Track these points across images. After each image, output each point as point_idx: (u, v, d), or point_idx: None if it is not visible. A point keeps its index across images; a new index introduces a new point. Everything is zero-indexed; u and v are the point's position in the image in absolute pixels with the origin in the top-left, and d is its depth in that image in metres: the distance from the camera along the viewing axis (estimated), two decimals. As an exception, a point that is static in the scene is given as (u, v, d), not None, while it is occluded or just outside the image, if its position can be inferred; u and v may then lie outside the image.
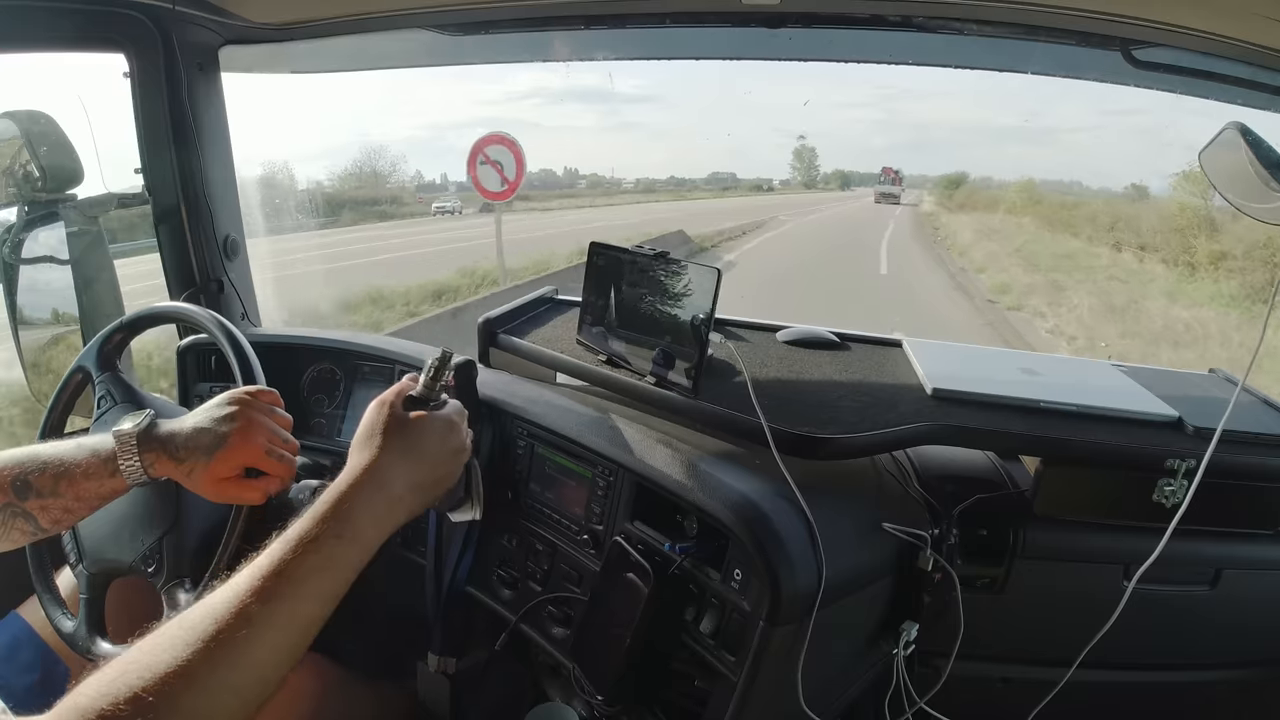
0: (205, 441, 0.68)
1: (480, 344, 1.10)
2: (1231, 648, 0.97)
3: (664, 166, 59.74)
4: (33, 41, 1.06)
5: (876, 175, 34.52)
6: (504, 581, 0.97)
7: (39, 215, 1.14)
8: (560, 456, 0.92)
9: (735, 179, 39.59)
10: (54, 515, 0.67)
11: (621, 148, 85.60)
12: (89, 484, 0.66)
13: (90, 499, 0.68)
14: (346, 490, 0.56)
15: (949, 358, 1.05)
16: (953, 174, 30.09)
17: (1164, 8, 0.85)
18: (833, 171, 44.95)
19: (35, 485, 0.65)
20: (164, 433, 0.68)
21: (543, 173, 30.09)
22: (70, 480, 0.66)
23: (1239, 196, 0.72)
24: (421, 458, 0.63)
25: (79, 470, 0.66)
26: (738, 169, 46.35)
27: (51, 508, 0.66)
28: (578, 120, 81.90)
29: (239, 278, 1.33)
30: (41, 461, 0.66)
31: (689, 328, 0.83)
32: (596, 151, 73.49)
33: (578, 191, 27.47)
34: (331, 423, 1.19)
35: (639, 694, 0.81)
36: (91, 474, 0.66)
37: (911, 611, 0.83)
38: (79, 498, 0.67)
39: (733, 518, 0.72)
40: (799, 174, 44.69)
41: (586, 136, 71.67)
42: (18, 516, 0.66)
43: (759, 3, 0.99)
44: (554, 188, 27.81)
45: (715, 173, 44.13)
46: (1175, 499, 0.80)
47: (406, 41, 1.27)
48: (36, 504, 0.66)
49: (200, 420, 0.69)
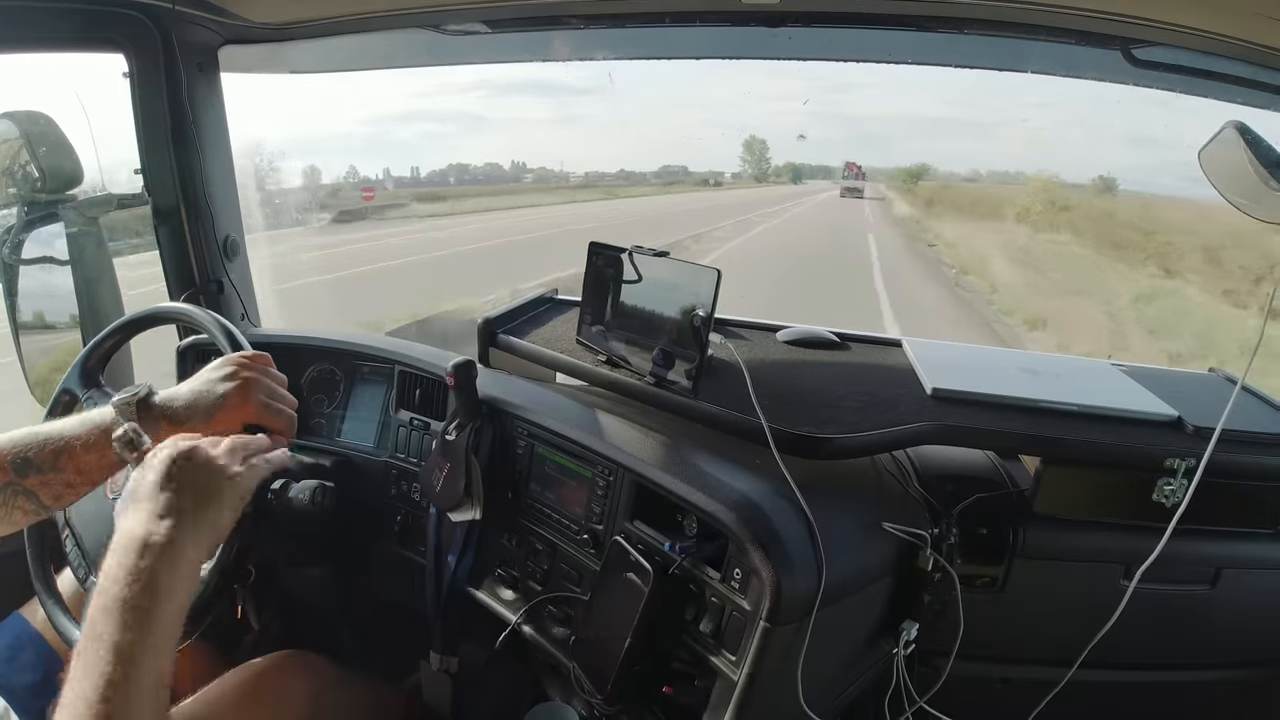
0: (204, 404, 0.68)
1: (480, 344, 1.10)
2: (1231, 647, 0.97)
3: (614, 160, 59.02)
4: (32, 42, 1.06)
5: (828, 168, 35.50)
6: (504, 581, 0.97)
7: (39, 216, 1.14)
8: (560, 456, 0.92)
9: (686, 172, 37.01)
10: (55, 491, 0.66)
11: (573, 140, 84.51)
12: (89, 457, 0.66)
13: (91, 472, 0.67)
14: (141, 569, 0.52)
15: (949, 357, 1.05)
16: (912, 166, 29.15)
17: (1164, 7, 0.85)
18: (785, 164, 42.15)
19: (35, 462, 0.65)
20: (162, 399, 0.68)
21: (488, 167, 28.37)
22: (70, 454, 0.65)
23: (1238, 196, 0.72)
24: (189, 510, 0.57)
25: (79, 443, 0.66)
26: (689, 162, 43.26)
27: (52, 483, 0.66)
28: (528, 112, 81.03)
29: (239, 278, 1.33)
30: (41, 438, 0.66)
31: (689, 328, 0.83)
32: (548, 145, 72.52)
33: (520, 188, 25.62)
34: (331, 423, 1.19)
35: (639, 694, 0.81)
36: (92, 446, 0.66)
37: (911, 611, 0.83)
38: (79, 471, 0.66)
39: (733, 517, 0.73)
40: (749, 166, 41.88)
41: (538, 129, 70.91)
42: (19, 495, 0.65)
43: (759, 2, 0.99)
44: (499, 182, 26.18)
45: (666, 165, 41.75)
46: (1175, 498, 0.80)
47: (406, 41, 1.27)
48: (37, 480, 0.65)
49: (197, 384, 0.70)
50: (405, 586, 1.07)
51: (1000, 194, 18.08)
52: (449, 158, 30.49)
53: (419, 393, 1.10)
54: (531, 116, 78.75)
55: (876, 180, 29.38)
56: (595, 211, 18.50)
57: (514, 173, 27.68)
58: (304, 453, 1.12)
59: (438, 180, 23.13)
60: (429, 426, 1.07)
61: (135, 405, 0.66)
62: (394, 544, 1.09)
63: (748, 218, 16.33)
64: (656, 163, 43.64)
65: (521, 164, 29.43)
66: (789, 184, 38.22)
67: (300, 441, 1.16)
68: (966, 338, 6.86)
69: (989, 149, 78.54)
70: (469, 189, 22.42)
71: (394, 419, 1.11)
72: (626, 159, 64.44)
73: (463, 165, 27.86)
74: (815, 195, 27.03)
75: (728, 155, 42.96)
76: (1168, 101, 1.08)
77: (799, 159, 43.89)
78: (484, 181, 25.38)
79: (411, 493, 1.08)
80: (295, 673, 0.93)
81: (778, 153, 42.55)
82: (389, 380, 1.14)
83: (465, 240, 12.41)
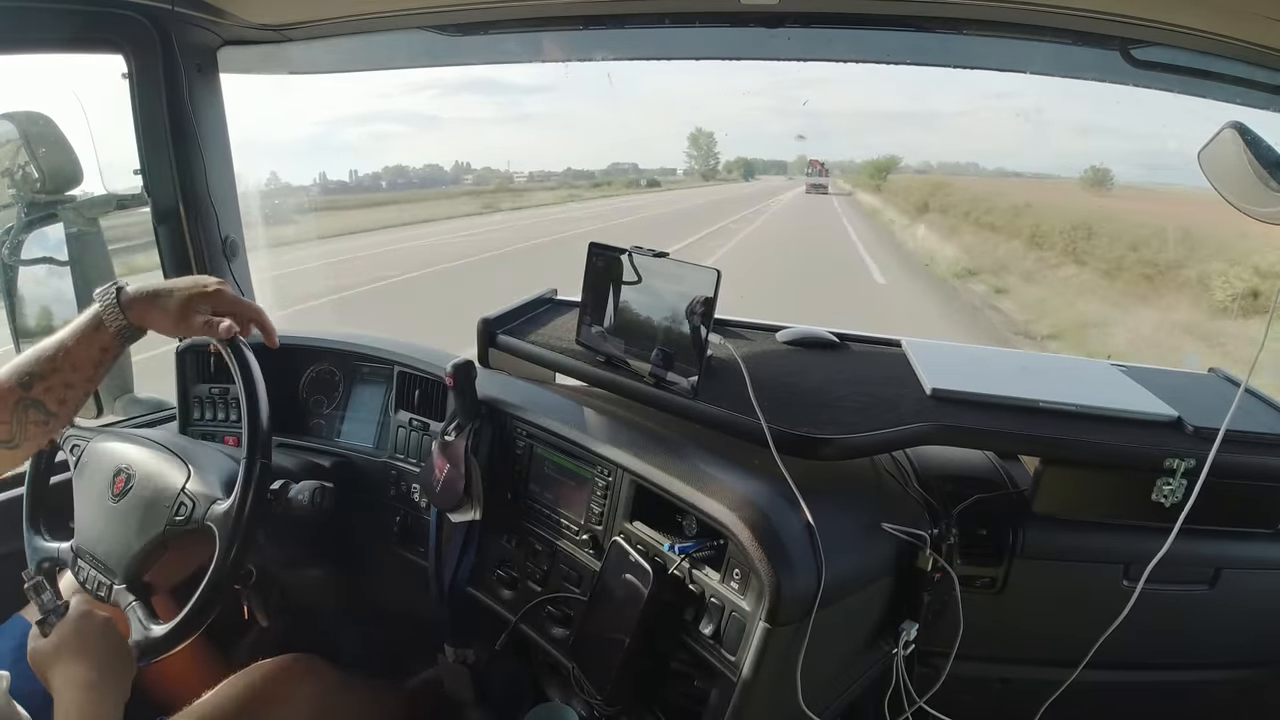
0: (184, 283, 0.77)
1: (479, 345, 1.10)
2: (1231, 647, 0.97)
3: (564, 159, 57.81)
4: (31, 43, 1.06)
5: (783, 163, 36.09)
6: (503, 581, 0.97)
7: (38, 216, 1.14)
8: (560, 457, 0.92)
9: (637, 169, 34.89)
10: (58, 394, 0.72)
11: (523, 139, 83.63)
12: (79, 348, 0.72)
13: (85, 366, 0.73)
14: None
15: (948, 358, 1.05)
16: (879, 159, 28.20)
17: (1163, 7, 0.85)
18: (735, 159, 39.82)
19: (37, 372, 0.72)
20: (135, 286, 0.75)
21: (427, 168, 25.79)
22: (65, 352, 0.72)
23: (1237, 196, 0.72)
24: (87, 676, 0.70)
25: (70, 340, 0.73)
26: (639, 159, 40.81)
27: (54, 386, 0.72)
28: (477, 112, 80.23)
29: (239, 278, 1.33)
30: (39, 351, 0.73)
31: (688, 328, 0.83)
32: (496, 144, 71.66)
33: (452, 192, 22.09)
34: (330, 424, 1.19)
35: (639, 694, 0.81)
36: (81, 338, 0.73)
37: (911, 611, 0.83)
38: (75, 367, 0.73)
39: (732, 518, 0.72)
40: (696, 162, 39.03)
41: (487, 128, 70.24)
42: (29, 408, 0.72)
43: (758, 3, 0.99)
44: (437, 185, 23.38)
45: (615, 163, 39.71)
46: (1174, 498, 0.80)
47: (405, 42, 1.27)
48: (41, 387, 0.72)
49: (173, 279, 0.79)
50: (405, 587, 1.07)
51: (936, 183, 19.15)
52: (390, 160, 28.81)
53: (418, 393, 1.10)
54: (481, 115, 77.24)
55: (839, 174, 28.92)
56: (525, 226, 14.63)
57: (455, 173, 25.48)
58: (303, 454, 1.12)
59: (369, 185, 21.35)
60: (428, 427, 1.07)
61: (115, 289, 0.74)
62: (394, 545, 1.09)
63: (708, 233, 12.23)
64: (606, 160, 41.99)
65: (466, 164, 27.09)
66: (740, 180, 36.38)
67: (299, 442, 1.16)
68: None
69: (940, 141, 79.42)
70: (402, 194, 20.12)
71: (393, 419, 1.11)
72: (576, 157, 62.91)
73: (403, 167, 25.34)
74: (778, 195, 23.61)
75: (678, 152, 39.94)
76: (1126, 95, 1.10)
77: (752, 154, 41.89)
78: (417, 185, 23.10)
79: (411, 493, 1.08)
80: (300, 677, 0.93)
81: (730, 147, 40.38)
82: (388, 381, 1.14)
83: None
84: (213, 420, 1.18)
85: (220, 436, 1.15)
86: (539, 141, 78.69)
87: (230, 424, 1.15)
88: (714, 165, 39.26)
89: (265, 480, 0.78)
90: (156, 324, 0.76)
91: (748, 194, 25.60)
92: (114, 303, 0.73)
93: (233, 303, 0.78)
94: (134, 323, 0.74)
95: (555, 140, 70.87)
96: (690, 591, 0.78)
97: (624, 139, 48.03)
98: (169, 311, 0.75)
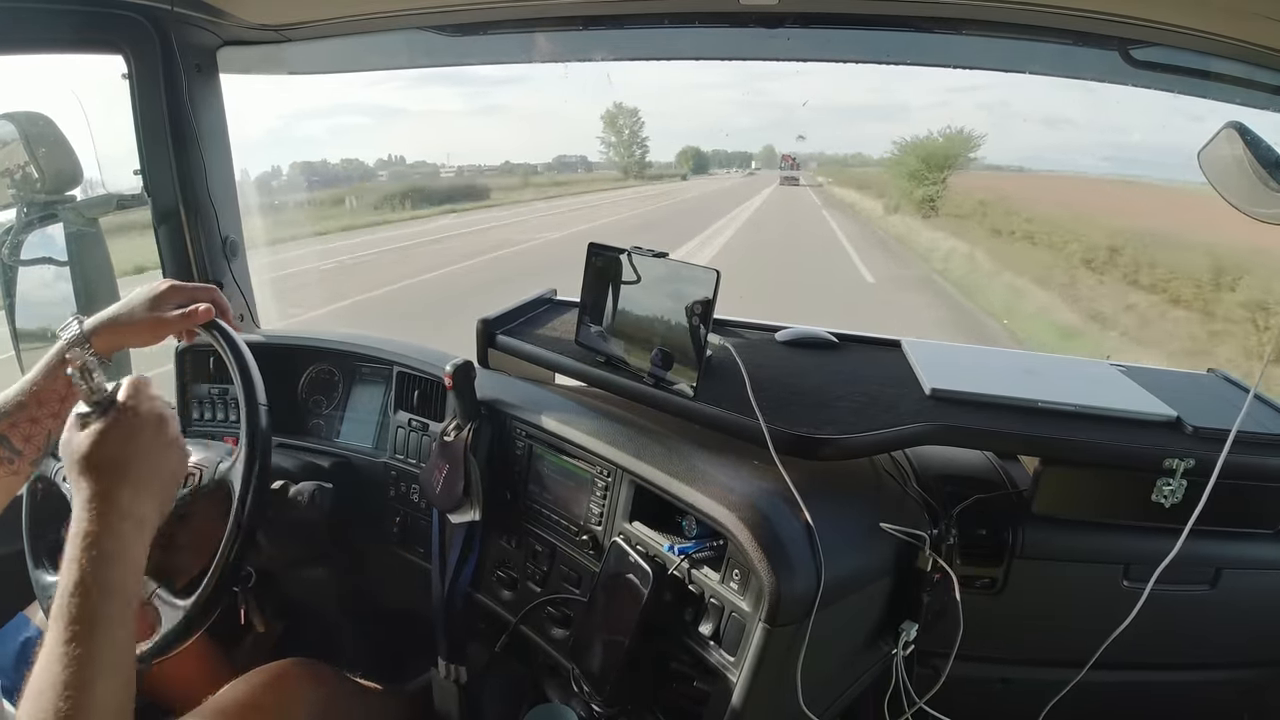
0: (139, 298, 0.76)
1: (479, 345, 1.10)
2: (1231, 648, 0.97)
3: (512, 151, 54.75)
4: (31, 43, 1.06)
5: (746, 154, 33.80)
6: (503, 582, 0.97)
7: (38, 216, 1.14)
8: (559, 457, 0.92)
9: (586, 161, 28.33)
10: (23, 431, 0.71)
11: (475, 131, 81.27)
12: (44, 382, 0.71)
13: (50, 401, 0.71)
14: (90, 531, 0.56)
15: (947, 358, 1.05)
16: (851, 154, 26.32)
17: (1162, 7, 0.85)
18: (684, 150, 31.95)
19: (3, 409, 0.70)
20: (94, 317, 0.74)
21: (344, 164, 21.00)
22: (33, 390, 0.71)
23: (1237, 196, 0.72)
24: (129, 465, 0.61)
25: (39, 377, 0.71)
26: (589, 152, 34.37)
27: (19, 422, 0.71)
28: (446, 104, 78.48)
29: (239, 279, 1.33)
30: (6, 393, 0.72)
31: (688, 328, 0.83)
32: (455, 136, 69.53)
33: (362, 188, 17.62)
34: (330, 424, 1.19)
35: (638, 694, 0.81)
36: (47, 374, 0.71)
37: (911, 612, 0.83)
38: (40, 402, 0.71)
39: (731, 519, 0.72)
40: (615, 153, 28.15)
41: (449, 120, 69.06)
42: None
43: (757, 3, 0.99)
44: (352, 182, 18.75)
45: (561, 155, 29.91)
46: (1174, 499, 0.80)
47: (404, 42, 1.27)
48: (6, 424, 0.70)
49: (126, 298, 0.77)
50: (405, 588, 1.07)
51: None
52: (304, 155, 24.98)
53: (417, 394, 1.10)
54: (449, 108, 75.44)
55: (815, 167, 27.65)
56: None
57: (377, 168, 21.49)
58: (302, 454, 1.12)
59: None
60: (428, 427, 1.07)
61: (78, 319, 0.73)
62: (393, 545, 1.09)
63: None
64: (551, 153, 35.54)
65: (400, 157, 23.11)
66: (681, 177, 28.45)
67: (299, 442, 1.16)
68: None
69: (906, 132, 79.94)
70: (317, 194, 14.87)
71: (392, 420, 1.11)
72: (520, 151, 59.07)
73: (323, 162, 20.95)
74: (751, 201, 18.56)
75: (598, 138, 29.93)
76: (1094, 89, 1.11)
77: (710, 146, 34.83)
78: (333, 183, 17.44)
79: (411, 494, 1.08)
80: (300, 681, 0.92)
81: (683, 138, 34.87)
82: (387, 381, 1.14)
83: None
84: (212, 420, 1.18)
85: (220, 437, 1.15)
86: (497, 135, 77.35)
87: (230, 424, 1.16)
88: (640, 156, 28.27)
89: (268, 444, 0.78)
90: (132, 342, 0.76)
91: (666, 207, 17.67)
92: (78, 334, 0.72)
93: (191, 290, 0.78)
94: (101, 351, 0.73)
95: (518, 132, 69.64)
96: (690, 592, 0.78)
97: (577, 133, 45.16)
98: (139, 325, 0.74)
